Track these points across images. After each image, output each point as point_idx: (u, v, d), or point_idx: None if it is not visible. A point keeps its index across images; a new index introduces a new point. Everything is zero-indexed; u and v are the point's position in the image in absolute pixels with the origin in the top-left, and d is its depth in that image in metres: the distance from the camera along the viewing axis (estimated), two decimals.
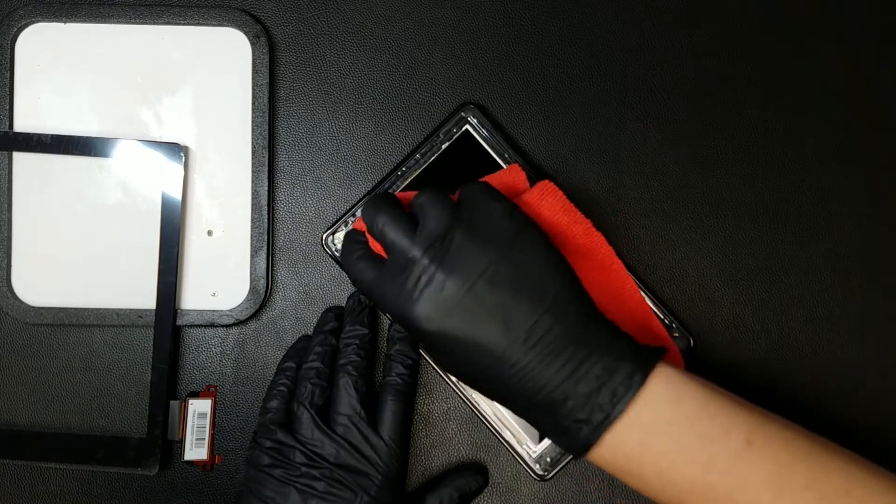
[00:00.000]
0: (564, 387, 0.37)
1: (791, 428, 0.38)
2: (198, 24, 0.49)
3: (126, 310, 0.48)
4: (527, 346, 0.37)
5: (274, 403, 0.46)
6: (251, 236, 0.49)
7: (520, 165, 0.46)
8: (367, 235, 0.42)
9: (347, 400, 0.45)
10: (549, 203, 0.42)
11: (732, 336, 0.50)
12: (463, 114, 0.49)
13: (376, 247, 0.41)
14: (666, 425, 0.37)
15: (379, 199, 0.41)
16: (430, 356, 0.42)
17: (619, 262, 0.44)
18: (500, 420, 0.48)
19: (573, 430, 0.37)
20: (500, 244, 0.39)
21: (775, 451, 0.36)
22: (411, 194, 0.41)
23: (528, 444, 0.48)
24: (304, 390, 0.45)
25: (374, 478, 0.44)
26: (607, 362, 0.37)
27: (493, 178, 0.44)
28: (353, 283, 0.42)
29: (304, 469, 0.43)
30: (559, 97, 0.50)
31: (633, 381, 0.37)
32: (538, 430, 0.41)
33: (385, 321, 0.49)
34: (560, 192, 0.43)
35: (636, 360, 0.38)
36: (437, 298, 0.38)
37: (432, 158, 0.49)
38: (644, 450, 0.37)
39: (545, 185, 0.43)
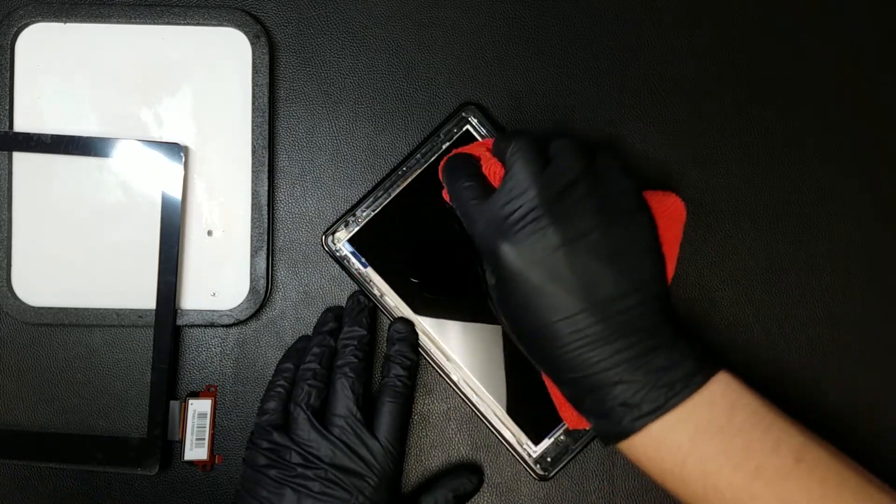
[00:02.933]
0: (621, 369, 0.37)
1: (839, 455, 0.38)
2: (198, 24, 0.49)
3: (126, 310, 0.48)
4: (601, 315, 0.37)
5: (271, 404, 0.46)
6: (251, 236, 0.49)
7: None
8: (484, 159, 0.42)
9: (344, 401, 0.45)
10: (667, 212, 0.42)
11: (732, 336, 0.50)
12: (463, 114, 0.49)
13: (491, 173, 0.41)
14: (718, 429, 0.37)
15: (523, 131, 0.41)
16: (494, 293, 0.40)
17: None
18: (499, 420, 0.48)
19: (617, 414, 0.37)
20: (616, 214, 0.39)
21: (823, 473, 0.36)
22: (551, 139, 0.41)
23: (528, 444, 0.48)
24: (301, 391, 0.45)
25: (370, 479, 0.44)
26: (671, 356, 0.37)
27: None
28: (452, 199, 0.42)
29: (299, 470, 0.43)
30: (559, 97, 0.50)
31: (694, 380, 0.37)
32: (575, 406, 0.40)
33: (385, 322, 0.49)
34: (684, 215, 0.43)
35: (699, 361, 0.38)
36: (533, 239, 0.38)
37: (433, 158, 0.49)
38: (691, 449, 0.37)
39: (675, 200, 0.43)
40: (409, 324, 0.47)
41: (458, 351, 0.48)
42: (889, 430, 0.49)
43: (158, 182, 0.48)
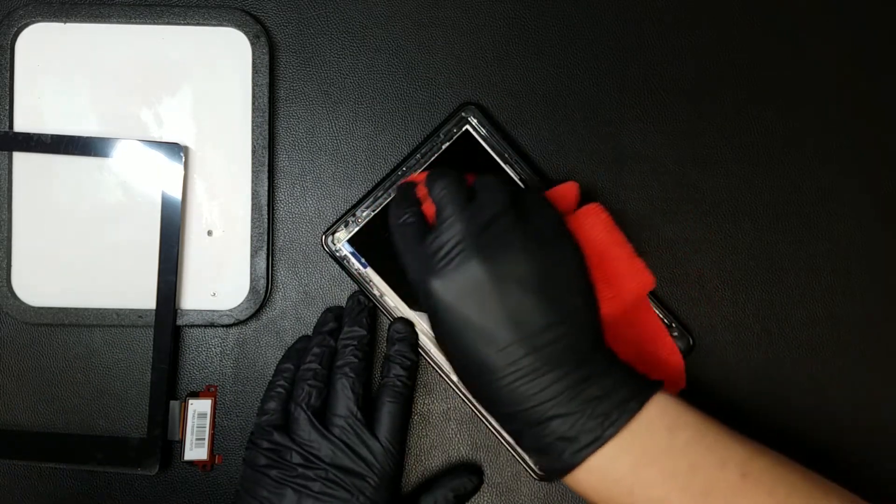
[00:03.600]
0: (556, 401, 0.37)
1: (785, 462, 0.37)
2: (198, 24, 0.49)
3: (126, 310, 0.48)
4: (530, 347, 0.37)
5: (271, 405, 0.46)
6: (251, 236, 0.49)
7: (575, 182, 0.46)
8: (424, 202, 0.42)
9: (345, 401, 0.45)
10: (591, 222, 0.43)
11: (732, 336, 0.50)
12: (463, 114, 0.49)
13: (430, 210, 0.42)
14: (660, 454, 0.36)
15: (447, 170, 0.41)
16: (434, 330, 0.41)
17: (651, 278, 0.45)
18: None
19: (555, 449, 0.37)
20: (541, 245, 0.39)
21: (771, 484, 0.36)
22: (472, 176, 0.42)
23: None
24: (302, 392, 0.45)
25: (370, 479, 0.44)
26: (604, 385, 0.37)
27: (549, 192, 0.45)
28: (389, 230, 0.42)
29: (300, 470, 0.43)
30: (559, 97, 0.50)
31: (628, 407, 0.37)
32: (517, 444, 0.40)
33: (384, 322, 0.49)
34: (606, 214, 0.44)
35: (633, 386, 0.37)
36: (459, 272, 0.38)
37: (432, 158, 0.49)
38: (635, 478, 0.36)
39: (594, 207, 0.44)
40: (409, 324, 0.47)
41: None
42: (889, 430, 0.49)
43: (158, 182, 0.48)
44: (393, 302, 0.48)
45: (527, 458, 0.47)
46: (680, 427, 0.37)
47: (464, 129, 0.49)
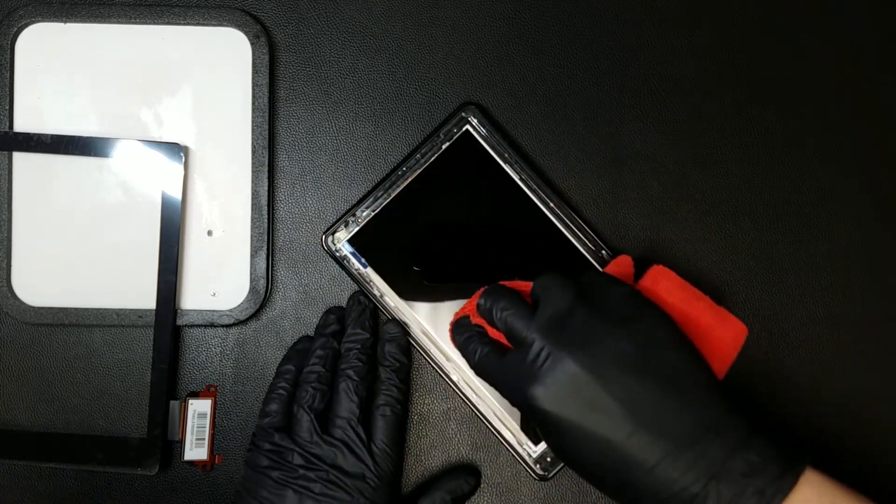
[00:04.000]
0: (701, 485, 0.34)
1: None
2: (198, 24, 0.49)
3: (126, 310, 0.48)
4: (654, 433, 0.35)
5: (273, 407, 0.46)
6: (251, 236, 0.49)
7: (629, 257, 0.45)
8: (486, 326, 0.41)
9: (347, 404, 0.45)
10: (665, 285, 0.42)
11: None
12: (463, 114, 0.49)
13: (498, 336, 0.41)
14: None
15: (495, 289, 0.40)
16: (548, 443, 0.39)
17: (742, 326, 0.42)
18: (499, 420, 0.48)
19: None
20: (624, 325, 0.37)
21: None
22: (528, 284, 0.41)
23: (528, 445, 0.48)
24: (305, 394, 0.45)
25: (371, 480, 0.44)
26: (751, 459, 0.34)
27: (607, 270, 0.44)
28: (472, 367, 0.41)
29: (301, 471, 0.43)
30: (559, 97, 0.50)
31: (784, 483, 0.34)
32: None
33: (385, 321, 0.49)
34: (673, 273, 0.42)
35: (783, 459, 0.35)
36: (556, 377, 0.36)
37: (432, 158, 0.49)
38: None
39: (658, 269, 0.43)
40: (399, 325, 0.48)
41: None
42: (889, 430, 0.49)
43: (158, 182, 0.48)
44: (393, 302, 0.48)
45: (527, 458, 0.47)
46: None
47: (464, 129, 0.49)
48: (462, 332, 0.42)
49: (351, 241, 0.48)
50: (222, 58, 0.49)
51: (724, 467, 0.34)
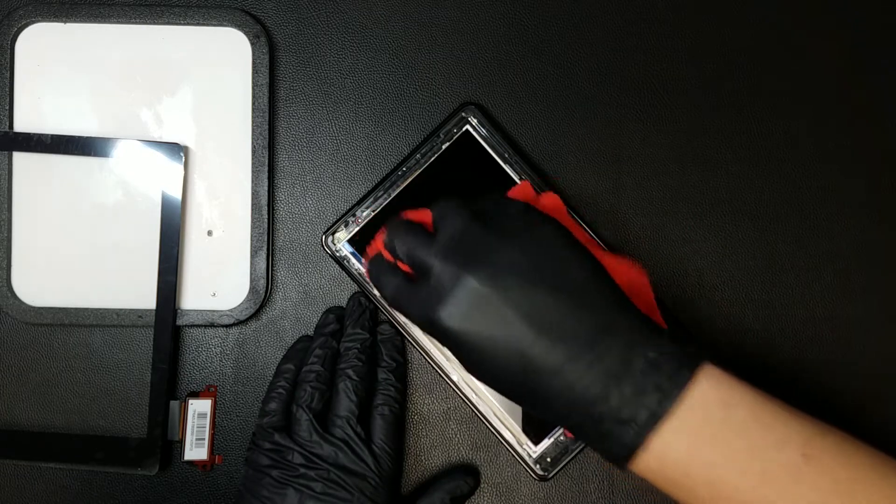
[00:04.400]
0: (601, 384, 0.34)
1: (849, 442, 0.35)
2: (198, 24, 0.49)
3: (126, 310, 0.48)
4: (554, 339, 0.35)
5: (272, 406, 0.46)
6: (251, 236, 0.49)
7: (529, 180, 0.45)
8: (398, 262, 0.41)
9: (346, 404, 0.45)
10: (552, 203, 0.42)
11: (732, 336, 0.50)
12: (463, 114, 0.49)
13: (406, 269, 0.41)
14: (716, 432, 0.34)
15: (392, 224, 0.40)
16: (460, 361, 0.39)
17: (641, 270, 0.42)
18: (499, 420, 0.48)
19: (616, 434, 0.34)
20: (519, 235, 0.37)
21: (833, 466, 0.34)
22: (428, 212, 0.40)
23: (528, 445, 0.48)
24: (304, 393, 0.45)
25: (371, 479, 0.44)
26: (649, 356, 0.34)
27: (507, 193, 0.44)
28: (385, 301, 0.41)
29: (301, 470, 0.43)
30: (559, 97, 0.50)
31: (681, 377, 0.34)
32: (577, 437, 0.39)
33: None
34: (564, 206, 0.42)
35: (682, 354, 0.35)
36: (457, 296, 0.36)
37: (432, 158, 0.49)
38: (692, 458, 0.34)
39: (552, 196, 0.42)
40: (393, 325, 0.48)
41: None
42: (889, 430, 0.49)
43: (158, 182, 0.48)
44: None
45: (527, 458, 0.47)
46: (735, 403, 0.34)
47: (464, 129, 0.49)
48: (375, 269, 0.42)
49: (351, 242, 0.48)
50: (222, 58, 0.49)
51: (623, 366, 0.34)
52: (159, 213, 0.48)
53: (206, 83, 0.49)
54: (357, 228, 0.48)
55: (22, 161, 0.48)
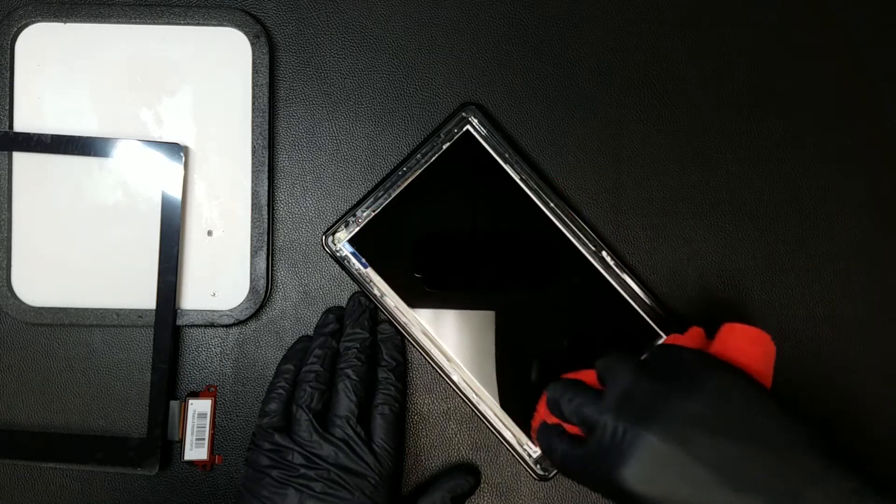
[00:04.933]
0: None
1: None
2: (198, 24, 0.49)
3: (126, 310, 0.48)
4: (753, 493, 0.33)
5: (272, 406, 0.46)
6: (251, 236, 0.49)
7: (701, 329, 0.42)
8: (564, 424, 0.40)
9: (346, 403, 0.45)
10: (735, 343, 0.39)
11: None
12: (463, 114, 0.49)
13: (577, 431, 0.40)
14: None
15: (553, 385, 0.39)
16: None
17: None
18: (499, 420, 0.48)
19: None
20: (692, 387, 0.35)
21: None
22: (590, 371, 0.40)
23: (528, 445, 0.48)
24: (304, 393, 0.45)
25: (371, 478, 0.44)
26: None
27: (671, 339, 0.42)
28: (558, 468, 0.40)
29: (302, 470, 0.43)
30: (559, 97, 0.50)
31: None
32: None
33: None
34: (742, 325, 0.39)
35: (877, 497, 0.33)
36: (638, 454, 0.34)
37: (433, 158, 0.49)
38: None
39: (726, 328, 0.40)
40: (392, 324, 0.48)
41: (457, 351, 0.48)
42: (889, 431, 0.49)
43: (158, 182, 0.48)
44: (393, 302, 0.48)
45: (527, 458, 0.47)
46: None
47: (464, 129, 0.49)
48: (542, 437, 0.41)
49: (351, 242, 0.48)
50: (222, 58, 0.49)
51: None
52: (159, 213, 0.48)
53: (206, 83, 0.49)
54: (357, 228, 0.48)
55: (22, 161, 0.48)
